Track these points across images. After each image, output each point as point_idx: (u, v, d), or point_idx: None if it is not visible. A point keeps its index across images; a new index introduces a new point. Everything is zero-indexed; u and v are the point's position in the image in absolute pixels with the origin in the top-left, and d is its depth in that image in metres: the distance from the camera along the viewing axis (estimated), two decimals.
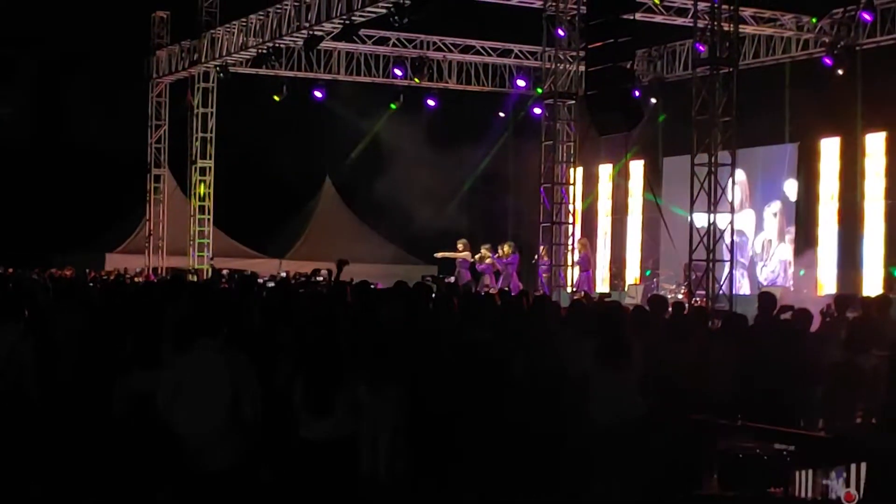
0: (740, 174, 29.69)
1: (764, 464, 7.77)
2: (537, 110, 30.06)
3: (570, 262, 24.57)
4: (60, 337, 11.81)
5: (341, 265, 18.43)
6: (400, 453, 9.97)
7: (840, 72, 27.43)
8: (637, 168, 33.84)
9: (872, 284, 26.99)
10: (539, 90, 28.07)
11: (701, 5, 21.50)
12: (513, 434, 9.72)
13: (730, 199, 21.07)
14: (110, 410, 10.45)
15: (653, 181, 31.47)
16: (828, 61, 27.49)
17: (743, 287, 28.97)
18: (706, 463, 8.48)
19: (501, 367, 9.91)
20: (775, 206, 30.24)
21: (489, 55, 33.04)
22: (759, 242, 30.55)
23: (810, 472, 7.72)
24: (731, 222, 21.20)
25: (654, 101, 31.82)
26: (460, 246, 27.78)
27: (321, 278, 24.43)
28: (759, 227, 30.62)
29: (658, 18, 26.97)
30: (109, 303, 13.77)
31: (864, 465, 7.74)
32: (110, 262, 35.48)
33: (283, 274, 28.98)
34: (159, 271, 33.70)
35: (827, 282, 28.40)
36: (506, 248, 27.03)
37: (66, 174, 36.98)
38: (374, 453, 9.92)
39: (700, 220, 21.16)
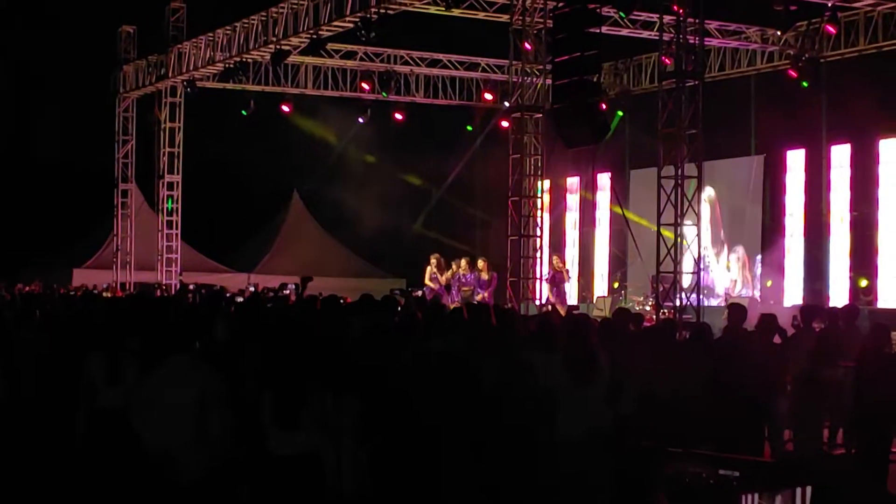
0: (710, 191, 29.99)
1: (710, 488, 7.82)
2: (504, 123, 30.13)
3: (538, 275, 24.61)
4: (20, 354, 11.75)
5: (305, 282, 18.43)
6: (361, 467, 9.96)
7: (805, 84, 27.61)
8: (604, 181, 33.96)
9: (839, 295, 27.16)
10: (506, 103, 28.14)
11: (666, 18, 21.60)
12: (481, 447, 9.71)
13: (696, 210, 21.16)
14: (73, 427, 10.38)
15: (620, 194, 31.60)
16: (793, 74, 27.67)
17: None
18: (655, 486, 8.57)
19: (469, 380, 9.91)
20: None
21: (456, 69, 33.08)
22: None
23: (756, 496, 7.79)
24: (699, 234, 21.30)
25: (620, 113, 31.96)
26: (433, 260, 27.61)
27: (288, 292, 24.38)
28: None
29: (624, 32, 27.08)
30: (75, 318, 13.70)
31: (808, 490, 7.83)
32: (78, 277, 35.33)
33: (252, 288, 28.92)
34: (127, 286, 33.60)
35: (793, 292, 28.55)
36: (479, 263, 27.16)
37: (33, 189, 36.85)
38: (339, 467, 9.90)
39: (667, 231, 21.23)
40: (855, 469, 10.36)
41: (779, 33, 27.20)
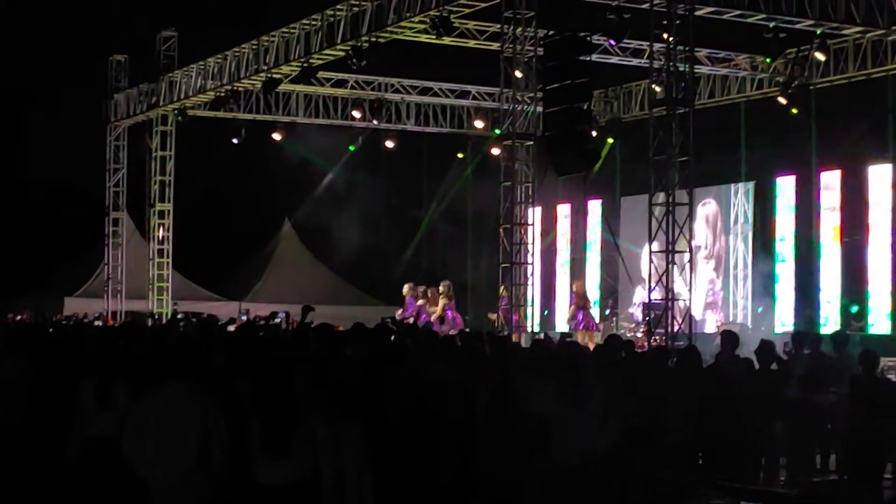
0: (712, 207, 30.13)
1: None
2: (495, 151, 30.18)
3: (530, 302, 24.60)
4: (5, 381, 11.71)
5: (306, 311, 18.40)
6: (367, 495, 9.92)
7: (794, 111, 27.71)
8: (595, 208, 34.00)
9: (830, 321, 27.19)
10: (497, 131, 28.18)
11: (656, 46, 21.67)
12: (477, 473, 9.71)
13: (687, 237, 21.17)
14: (63, 455, 10.34)
15: (611, 221, 31.64)
16: (782, 101, 27.77)
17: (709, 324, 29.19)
18: None
19: (465, 407, 9.91)
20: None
21: (447, 97, 33.16)
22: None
23: None
24: (690, 261, 21.31)
25: (610, 140, 32.05)
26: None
27: (279, 320, 24.33)
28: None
29: (614, 59, 27.16)
30: (66, 346, 13.66)
31: None
32: (69, 306, 35.24)
33: (245, 317, 28.85)
34: (118, 315, 33.53)
35: (784, 319, 28.56)
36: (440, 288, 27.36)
37: (24, 217, 36.78)
38: (339, 496, 9.86)
39: (658, 259, 21.24)
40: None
41: (768, 61, 27.31)
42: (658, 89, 22.02)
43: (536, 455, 9.83)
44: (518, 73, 22.66)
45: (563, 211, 35.05)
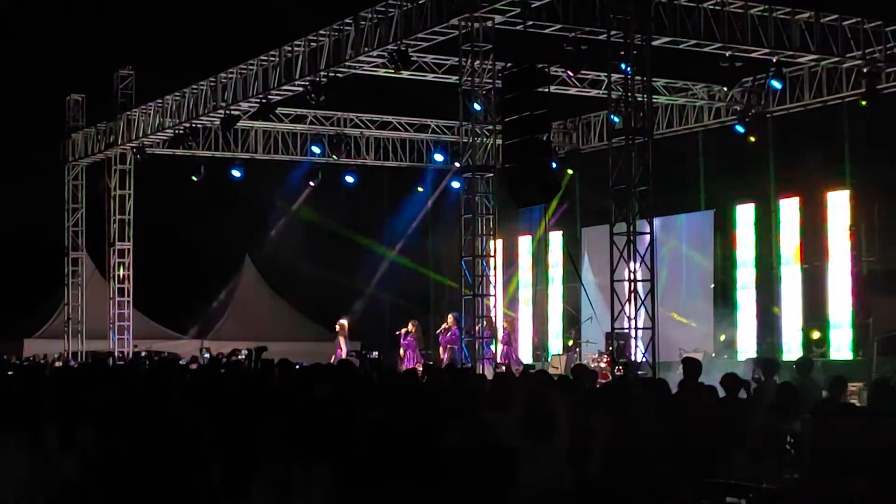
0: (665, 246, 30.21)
1: None
2: (455, 184, 30.22)
3: (498, 335, 24.62)
4: None
5: (260, 352, 18.32)
6: None
7: (752, 139, 27.91)
8: (556, 239, 34.06)
9: (791, 347, 27.30)
10: (457, 164, 28.23)
11: (614, 77, 21.75)
12: None
13: (649, 266, 21.20)
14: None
15: (572, 252, 31.71)
16: (740, 129, 27.96)
17: None
18: None
19: (432, 443, 9.84)
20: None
21: (406, 130, 33.22)
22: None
23: None
24: (652, 290, 21.33)
25: (570, 171, 32.15)
26: (411, 326, 28.06)
27: (242, 357, 24.25)
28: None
29: (572, 91, 27.30)
30: (28, 389, 13.50)
31: None
32: (29, 347, 34.95)
33: (207, 355, 28.71)
34: (79, 356, 33.26)
35: (747, 346, 28.65)
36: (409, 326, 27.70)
37: None
38: None
39: (621, 288, 21.26)
40: None
41: (725, 89, 27.51)
42: (617, 119, 22.11)
43: (504, 489, 9.77)
44: (476, 106, 22.70)
45: (524, 243, 35.07)
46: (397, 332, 28.13)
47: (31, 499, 8.35)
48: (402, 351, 27.67)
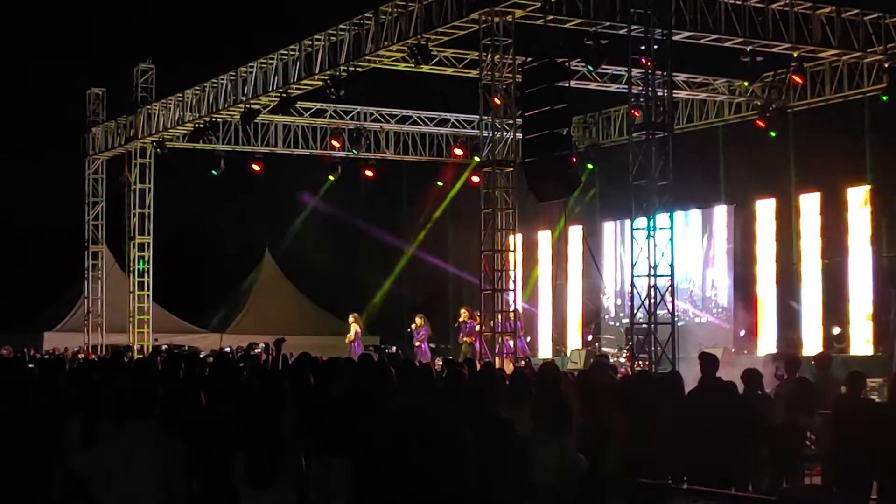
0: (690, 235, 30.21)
1: None
2: (475, 178, 30.17)
3: (517, 330, 24.60)
4: None
5: (279, 343, 18.34)
6: None
7: (773, 134, 27.80)
8: (576, 233, 34.01)
9: (812, 343, 27.20)
10: (477, 158, 28.20)
11: (635, 72, 21.72)
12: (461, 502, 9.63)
13: (669, 261, 21.17)
14: (46, 494, 10.22)
15: (592, 246, 31.67)
16: (760, 124, 27.87)
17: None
18: None
19: (450, 436, 9.84)
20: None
21: (426, 125, 33.20)
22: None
23: None
24: (672, 284, 21.29)
25: (590, 166, 32.11)
26: (419, 320, 28.17)
27: (258, 351, 24.27)
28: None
29: (593, 85, 27.24)
30: (48, 382, 13.55)
31: None
32: (49, 341, 35.04)
33: (228, 348, 28.77)
34: (99, 349, 33.35)
35: (767, 341, 28.57)
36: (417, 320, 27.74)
37: (1, 252, 36.60)
38: None
39: (641, 283, 21.23)
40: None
41: (746, 84, 27.42)
42: (637, 114, 22.07)
43: (516, 479, 9.78)
44: (497, 100, 22.67)
45: (544, 237, 35.04)
46: (409, 329, 28.19)
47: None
48: (417, 344, 27.72)
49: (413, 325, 28.09)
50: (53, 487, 10.07)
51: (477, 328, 24.82)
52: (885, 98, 25.43)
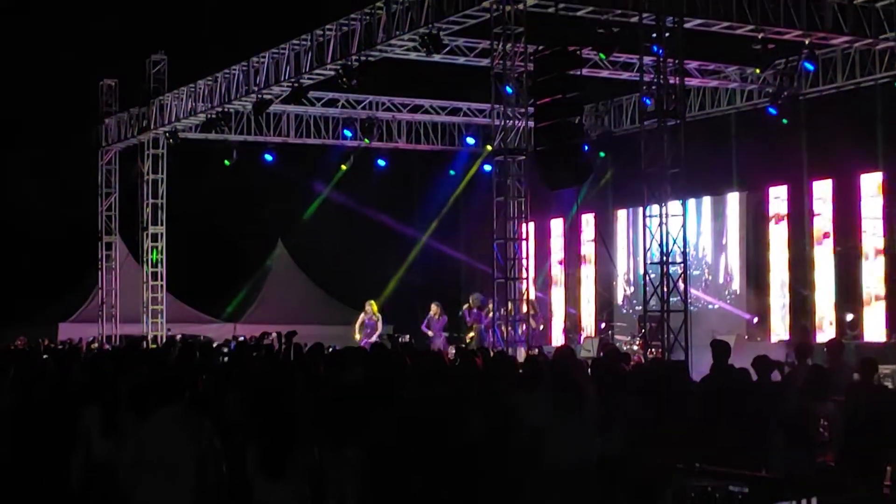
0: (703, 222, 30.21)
1: (718, 502, 7.84)
2: (487, 167, 30.20)
3: (530, 319, 24.61)
4: None
5: (290, 337, 18.39)
6: None
7: (785, 121, 27.79)
8: (588, 221, 34.02)
9: (825, 330, 27.20)
10: (489, 147, 28.21)
11: (646, 59, 21.72)
12: (473, 491, 9.69)
13: (681, 248, 21.19)
14: (66, 482, 10.30)
15: (605, 234, 31.68)
16: (772, 111, 27.85)
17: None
18: (664, 500, 8.55)
19: (460, 425, 9.90)
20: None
21: (438, 114, 33.20)
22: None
23: None
24: (685, 272, 21.32)
25: (602, 154, 32.11)
26: (435, 307, 28.18)
27: (271, 340, 24.33)
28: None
29: (604, 73, 27.21)
30: (64, 372, 13.63)
31: (814, 500, 7.85)
32: (63, 331, 35.16)
33: (242, 338, 28.84)
34: (113, 339, 33.46)
35: (779, 328, 28.57)
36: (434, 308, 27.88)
37: (16, 244, 36.72)
38: None
39: (653, 270, 21.24)
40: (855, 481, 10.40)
41: (757, 72, 27.37)
42: (649, 102, 22.07)
43: (530, 464, 9.84)
44: (509, 89, 22.67)
45: (557, 226, 35.06)
46: (425, 319, 28.22)
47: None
48: (430, 334, 27.76)
49: (429, 315, 28.04)
50: (73, 475, 10.14)
51: (489, 315, 24.92)
52: None
